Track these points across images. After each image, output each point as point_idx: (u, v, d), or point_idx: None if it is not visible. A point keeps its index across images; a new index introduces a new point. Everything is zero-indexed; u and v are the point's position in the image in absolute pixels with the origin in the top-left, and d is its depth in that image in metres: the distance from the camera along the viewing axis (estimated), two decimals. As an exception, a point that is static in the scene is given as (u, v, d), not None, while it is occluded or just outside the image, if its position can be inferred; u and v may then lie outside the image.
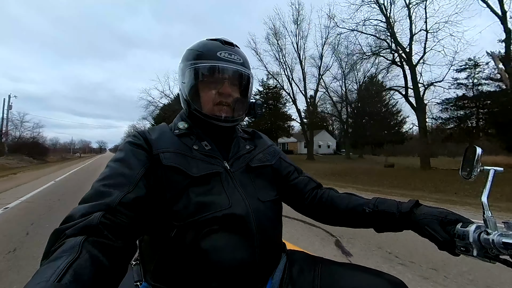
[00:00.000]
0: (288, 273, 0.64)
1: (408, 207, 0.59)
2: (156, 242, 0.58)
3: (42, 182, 8.26)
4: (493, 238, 0.44)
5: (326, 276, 0.60)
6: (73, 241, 0.38)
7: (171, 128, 0.68)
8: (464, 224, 0.50)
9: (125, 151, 0.59)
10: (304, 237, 2.97)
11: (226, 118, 0.65)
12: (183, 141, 0.64)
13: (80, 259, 0.35)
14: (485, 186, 0.52)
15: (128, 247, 0.47)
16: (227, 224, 0.56)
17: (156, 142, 0.61)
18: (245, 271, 0.56)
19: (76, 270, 0.33)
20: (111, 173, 0.54)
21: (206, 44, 0.68)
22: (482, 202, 0.50)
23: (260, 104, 0.75)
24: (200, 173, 0.59)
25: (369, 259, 2.34)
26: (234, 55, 0.66)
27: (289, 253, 0.70)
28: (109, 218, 0.45)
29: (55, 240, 0.40)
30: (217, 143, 0.68)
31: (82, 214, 0.44)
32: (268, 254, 0.61)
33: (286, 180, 0.75)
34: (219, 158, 0.64)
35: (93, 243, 0.39)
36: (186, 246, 0.54)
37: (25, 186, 7.44)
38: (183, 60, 0.69)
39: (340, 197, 0.70)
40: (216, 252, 0.54)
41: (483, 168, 0.55)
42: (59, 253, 0.36)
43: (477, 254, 0.47)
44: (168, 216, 0.55)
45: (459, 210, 4.40)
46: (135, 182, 0.53)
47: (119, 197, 0.49)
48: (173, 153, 0.60)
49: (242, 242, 0.56)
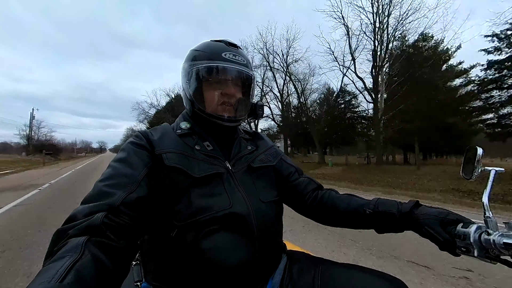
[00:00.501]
0: (288, 273, 0.64)
1: (408, 207, 0.59)
2: (157, 242, 0.58)
3: (71, 168, 15.02)
4: (494, 238, 0.44)
5: (326, 276, 0.60)
6: (75, 241, 0.38)
7: (173, 128, 0.68)
8: (465, 225, 0.50)
9: (127, 151, 0.59)
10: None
11: (229, 118, 0.66)
12: (185, 141, 0.64)
13: (82, 259, 0.35)
14: (486, 186, 0.52)
15: (130, 247, 0.47)
16: (228, 224, 0.56)
17: (158, 142, 0.61)
18: (246, 271, 0.56)
19: (79, 271, 0.33)
20: (113, 173, 0.54)
21: (211, 45, 0.68)
22: (483, 203, 0.50)
23: (261, 105, 0.75)
24: (202, 173, 0.59)
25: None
26: (238, 56, 0.67)
27: (290, 254, 0.71)
28: (112, 218, 0.45)
29: (58, 240, 0.40)
30: (219, 143, 0.68)
31: (84, 214, 0.44)
32: (268, 254, 0.61)
33: (287, 181, 0.75)
34: (220, 158, 0.64)
35: (96, 243, 0.39)
36: (186, 246, 0.54)
37: (65, 169, 14.51)
38: (187, 60, 0.69)
39: (341, 198, 0.71)
40: (216, 252, 0.54)
41: (484, 169, 0.55)
42: (62, 253, 0.36)
43: (478, 255, 0.47)
44: (169, 216, 0.55)
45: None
46: (137, 182, 0.53)
47: (121, 197, 0.49)
48: (175, 154, 0.60)
49: (242, 242, 0.56)
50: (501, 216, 4.21)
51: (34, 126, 37.95)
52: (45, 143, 36.47)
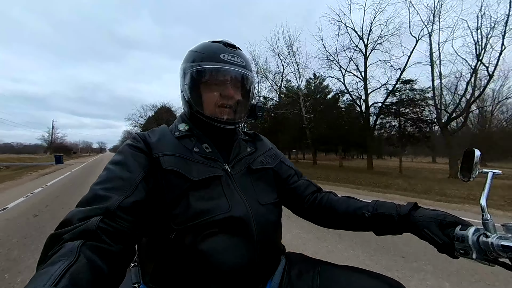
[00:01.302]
0: (287, 275, 0.64)
1: (406, 209, 0.59)
2: (155, 244, 0.57)
3: (85, 161, 26.05)
4: (492, 241, 0.45)
5: (325, 278, 0.60)
6: (70, 245, 0.37)
7: (171, 130, 0.68)
8: (463, 227, 0.51)
9: (124, 154, 0.58)
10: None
11: (228, 120, 0.65)
12: (184, 144, 0.63)
13: (77, 264, 0.34)
14: (484, 188, 0.52)
15: (127, 252, 0.46)
16: (226, 227, 0.56)
17: (156, 145, 0.61)
18: (245, 274, 0.56)
19: (73, 275, 0.33)
20: (110, 176, 0.53)
21: (209, 46, 0.67)
22: (481, 205, 0.51)
23: (261, 106, 0.74)
24: (200, 177, 0.58)
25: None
26: (237, 58, 0.66)
27: (288, 256, 0.70)
28: (108, 222, 0.44)
29: (52, 244, 0.39)
30: (218, 145, 0.67)
31: (79, 218, 0.44)
32: (267, 256, 0.61)
33: (286, 183, 0.74)
34: (219, 160, 0.64)
35: (91, 247, 0.39)
36: (185, 248, 0.54)
37: (83, 161, 27.00)
38: (185, 61, 0.68)
39: (339, 201, 0.70)
40: (215, 255, 0.53)
41: (481, 171, 0.55)
42: (56, 257, 0.35)
43: (476, 257, 0.47)
44: (167, 220, 0.55)
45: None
46: (134, 185, 0.52)
47: (118, 201, 0.48)
48: (173, 157, 0.59)
49: (241, 244, 0.56)
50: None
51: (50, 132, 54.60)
52: (59, 145, 54.05)
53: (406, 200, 0.77)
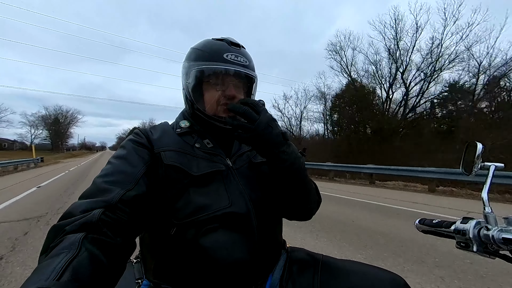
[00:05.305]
0: (288, 270, 0.64)
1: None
2: (157, 240, 0.58)
3: (91, 157, 39.35)
4: (493, 233, 0.44)
5: (326, 272, 0.60)
6: (72, 238, 0.38)
7: (173, 126, 0.68)
8: (464, 220, 0.50)
9: (127, 148, 0.59)
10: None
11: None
12: (185, 140, 0.64)
13: (79, 257, 0.35)
14: (486, 181, 0.52)
15: (127, 245, 0.47)
16: (227, 222, 0.56)
17: (158, 140, 0.61)
18: (245, 268, 0.56)
19: (75, 268, 0.33)
20: (112, 170, 0.54)
21: (212, 44, 0.65)
22: (482, 198, 0.50)
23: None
24: (201, 172, 0.58)
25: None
26: (240, 57, 0.64)
27: (289, 250, 0.71)
28: (109, 215, 0.45)
29: (54, 236, 0.40)
30: (219, 141, 0.67)
31: (82, 210, 0.44)
32: (268, 251, 0.61)
33: None
34: (221, 155, 0.64)
35: (92, 240, 0.39)
36: (186, 243, 0.54)
37: (95, 156, 47.89)
38: (188, 59, 0.67)
39: None
40: (216, 250, 0.54)
41: (483, 164, 0.54)
42: (59, 249, 0.36)
43: (477, 250, 0.47)
44: (168, 214, 0.55)
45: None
46: (136, 179, 0.53)
47: (119, 194, 0.49)
48: (175, 152, 0.60)
49: (242, 239, 0.56)
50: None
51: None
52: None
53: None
